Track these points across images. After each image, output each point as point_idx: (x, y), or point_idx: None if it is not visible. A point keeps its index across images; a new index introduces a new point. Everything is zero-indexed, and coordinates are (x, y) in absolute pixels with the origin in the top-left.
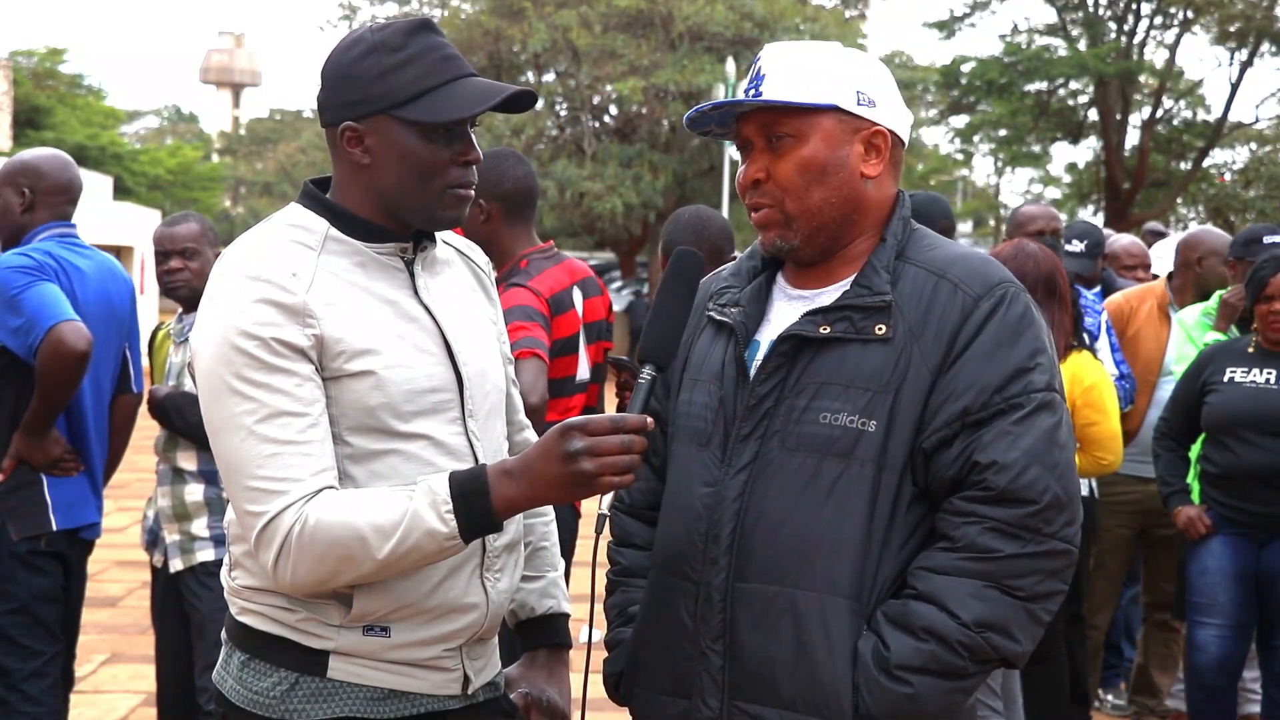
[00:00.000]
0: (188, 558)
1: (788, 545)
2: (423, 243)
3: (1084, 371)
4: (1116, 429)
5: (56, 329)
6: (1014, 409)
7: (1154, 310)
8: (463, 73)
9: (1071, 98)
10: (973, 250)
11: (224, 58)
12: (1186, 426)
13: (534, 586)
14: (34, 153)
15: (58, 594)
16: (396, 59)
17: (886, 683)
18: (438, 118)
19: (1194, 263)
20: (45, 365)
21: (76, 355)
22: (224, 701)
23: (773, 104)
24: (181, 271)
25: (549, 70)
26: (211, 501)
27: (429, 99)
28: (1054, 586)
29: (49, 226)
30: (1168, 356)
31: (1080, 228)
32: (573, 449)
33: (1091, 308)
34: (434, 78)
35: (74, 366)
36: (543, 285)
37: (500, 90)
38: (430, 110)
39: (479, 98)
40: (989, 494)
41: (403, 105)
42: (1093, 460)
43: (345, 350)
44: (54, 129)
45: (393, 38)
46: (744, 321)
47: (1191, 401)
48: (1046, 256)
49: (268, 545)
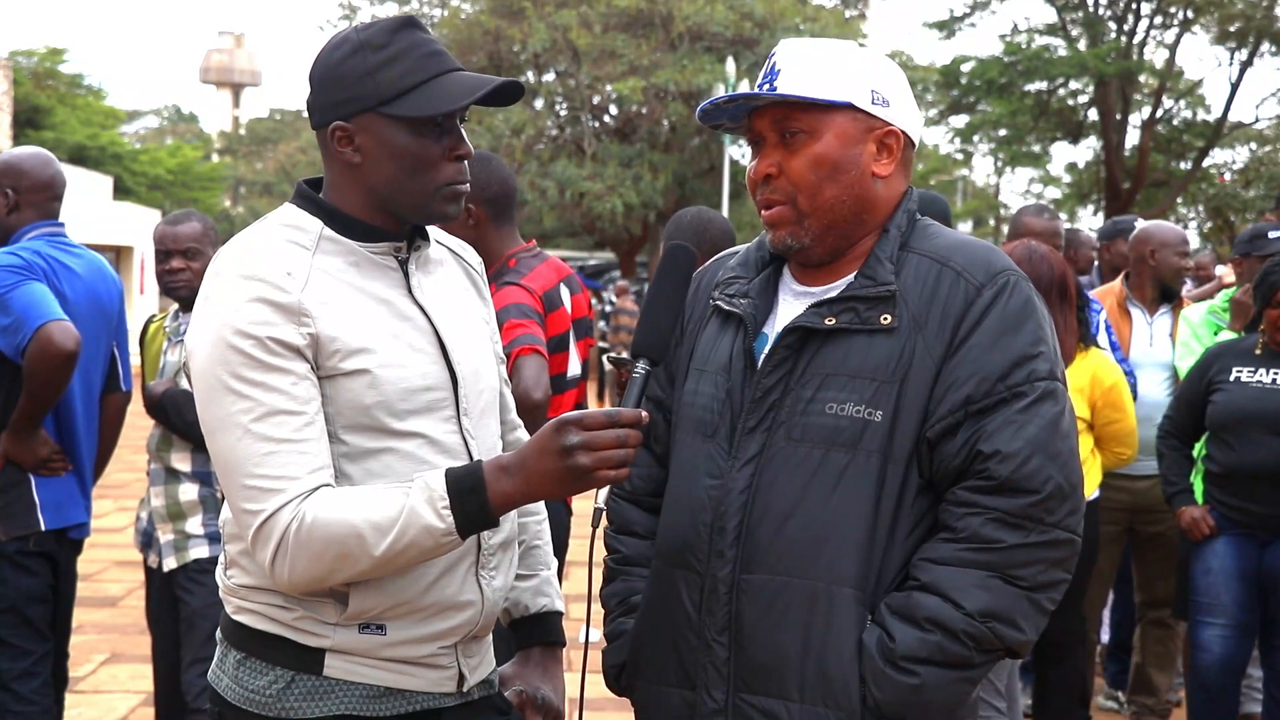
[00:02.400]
0: (181, 555)
1: (794, 537)
2: (416, 242)
3: (1103, 372)
4: (1134, 424)
5: (44, 328)
6: (1017, 397)
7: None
8: (448, 68)
9: (1071, 98)
10: (975, 239)
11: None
12: (1191, 424)
13: (528, 585)
14: (14, 152)
15: (46, 594)
16: (381, 56)
17: (893, 674)
18: (425, 112)
19: (1147, 256)
20: (33, 365)
21: (64, 355)
22: (220, 700)
23: (788, 98)
24: (183, 272)
25: (549, 70)
26: (206, 500)
27: (416, 94)
28: (1057, 575)
29: (37, 226)
30: (1133, 352)
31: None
32: (568, 443)
33: (1090, 306)
34: (420, 73)
35: (62, 366)
36: (535, 283)
37: (486, 82)
38: (417, 105)
39: (465, 90)
40: (992, 484)
41: (390, 102)
42: (1113, 455)
43: (340, 349)
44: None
45: (377, 36)
46: (753, 313)
47: (1196, 400)
48: (1058, 260)
49: (264, 543)
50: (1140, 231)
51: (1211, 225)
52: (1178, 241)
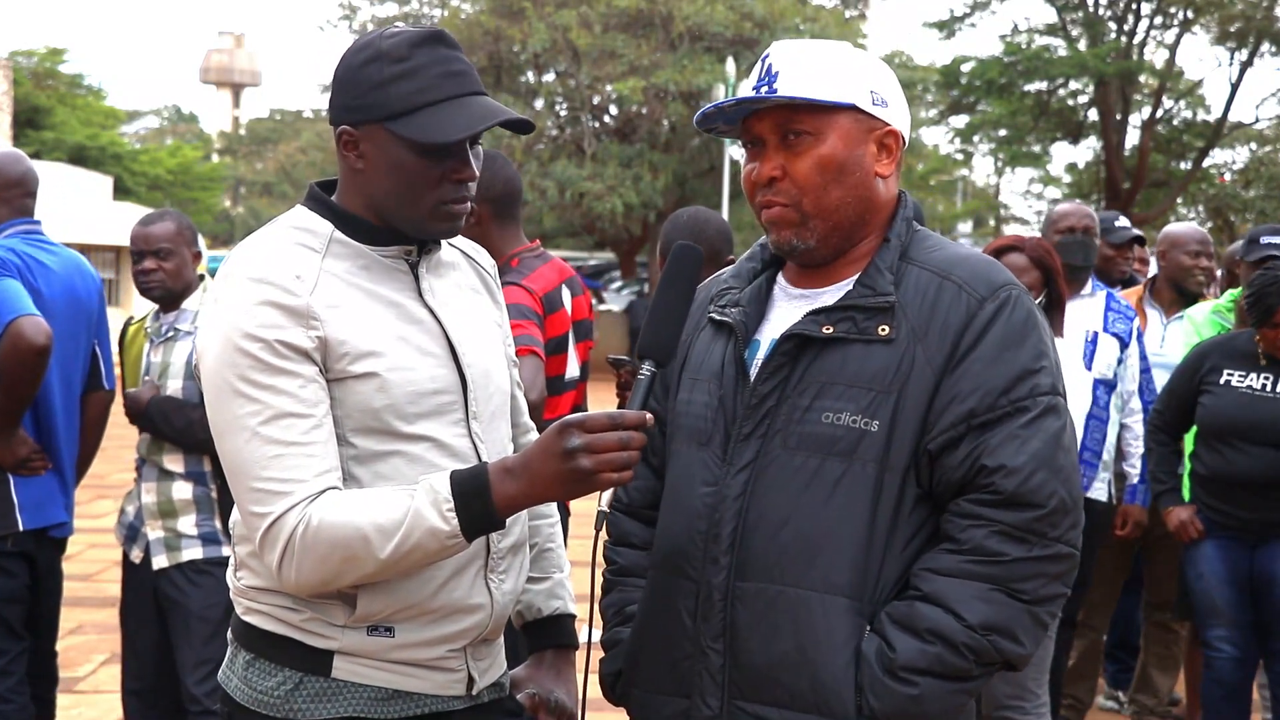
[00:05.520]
0: (173, 555)
1: (789, 545)
2: (428, 245)
3: None
4: None
5: (15, 323)
6: (1021, 412)
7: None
8: (464, 90)
9: (1071, 98)
10: (976, 252)
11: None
12: (1180, 419)
13: (540, 588)
14: None
15: (23, 594)
16: (397, 70)
17: (891, 684)
18: (425, 138)
19: (1160, 256)
20: (6, 361)
21: (36, 349)
22: (229, 700)
23: (795, 100)
24: (155, 272)
25: (549, 70)
26: (200, 500)
27: (422, 116)
28: (1057, 589)
29: (13, 224)
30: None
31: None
32: (571, 446)
33: (1124, 314)
34: (431, 94)
35: (34, 361)
36: (536, 284)
37: (495, 114)
38: (420, 129)
39: (470, 121)
40: (997, 497)
41: (395, 119)
42: None
43: (349, 352)
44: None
45: (398, 48)
46: (744, 321)
47: (1186, 395)
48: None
49: (272, 546)
50: (1161, 232)
51: (1211, 225)
52: (1188, 242)
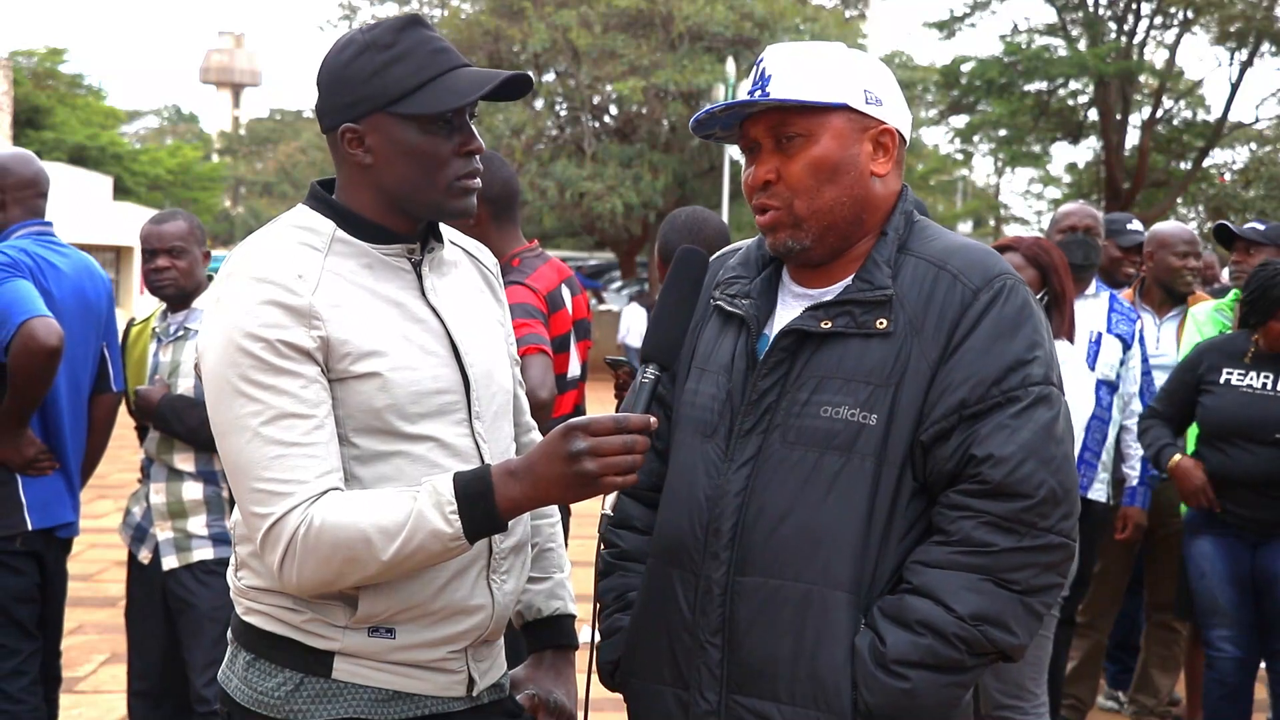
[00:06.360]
0: (183, 555)
1: (789, 540)
2: (430, 244)
3: None
4: None
5: (27, 324)
6: (1011, 402)
7: None
8: (455, 64)
9: (1071, 98)
10: (974, 241)
11: (224, 58)
12: (1176, 416)
13: (541, 588)
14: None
15: (34, 593)
16: (388, 56)
17: (884, 678)
18: (434, 109)
19: (1148, 257)
20: (16, 361)
21: (47, 350)
22: (229, 701)
23: (785, 103)
24: (169, 270)
25: (549, 70)
26: (211, 500)
27: (424, 92)
28: (1051, 580)
29: (25, 224)
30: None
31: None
32: (575, 449)
33: (1127, 315)
34: (427, 71)
35: (45, 362)
36: (539, 283)
37: (494, 76)
38: (426, 103)
39: (473, 85)
40: (985, 488)
41: (398, 101)
42: None
43: (351, 352)
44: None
45: (383, 36)
46: (755, 314)
47: (1184, 394)
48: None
49: (273, 547)
50: (1148, 233)
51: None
52: (1176, 242)
